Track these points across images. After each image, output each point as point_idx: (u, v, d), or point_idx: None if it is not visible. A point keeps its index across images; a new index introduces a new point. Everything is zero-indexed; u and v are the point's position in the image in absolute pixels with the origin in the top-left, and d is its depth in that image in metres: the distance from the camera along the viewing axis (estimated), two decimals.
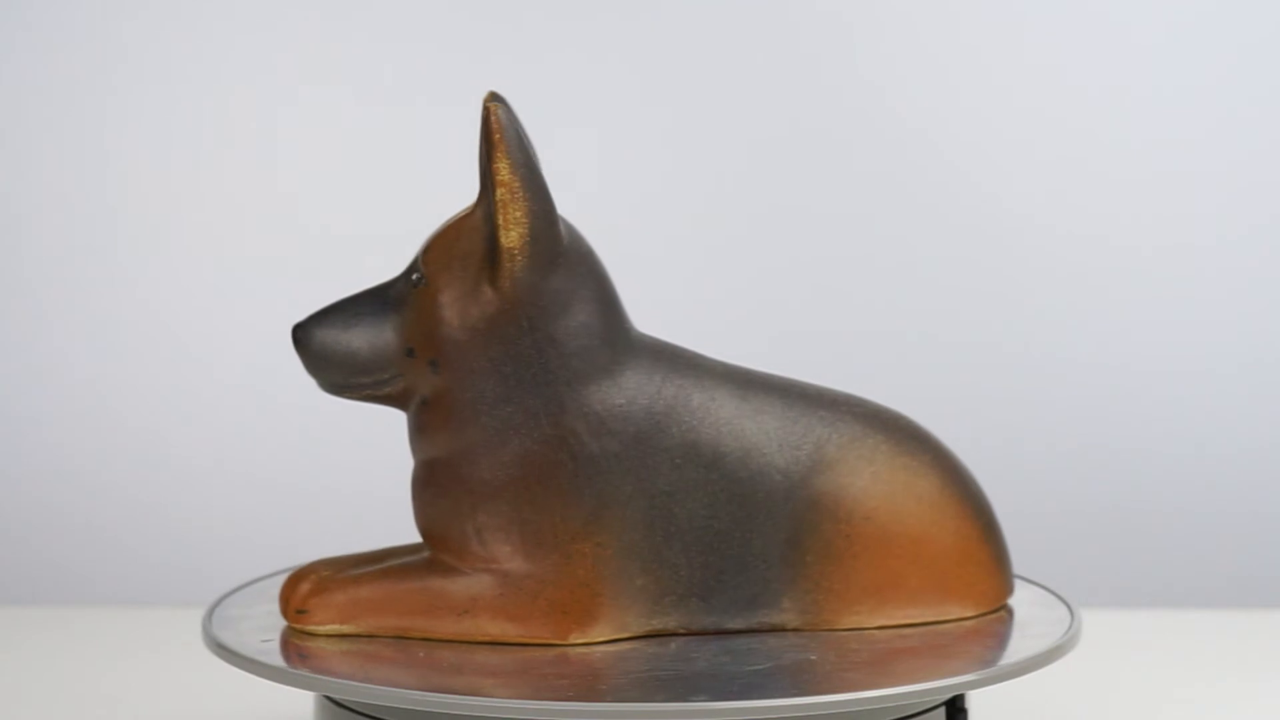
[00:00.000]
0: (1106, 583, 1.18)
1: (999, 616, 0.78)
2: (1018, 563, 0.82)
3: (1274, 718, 0.94)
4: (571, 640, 0.75)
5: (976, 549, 0.78)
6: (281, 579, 0.82)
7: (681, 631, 0.76)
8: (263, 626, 0.77)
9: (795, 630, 0.76)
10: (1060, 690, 0.95)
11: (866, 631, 0.76)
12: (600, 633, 0.75)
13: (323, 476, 1.19)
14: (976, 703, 0.77)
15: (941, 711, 0.73)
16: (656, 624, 0.76)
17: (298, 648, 0.74)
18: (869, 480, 0.76)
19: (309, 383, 0.79)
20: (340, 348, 0.77)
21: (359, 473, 1.18)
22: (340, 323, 0.77)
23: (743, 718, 0.67)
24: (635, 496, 0.75)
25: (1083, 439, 1.20)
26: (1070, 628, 0.76)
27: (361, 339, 0.77)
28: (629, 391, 0.75)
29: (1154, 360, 1.20)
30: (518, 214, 0.74)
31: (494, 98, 0.75)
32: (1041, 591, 0.81)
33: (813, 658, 0.72)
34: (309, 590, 0.76)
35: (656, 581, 0.75)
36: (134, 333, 1.20)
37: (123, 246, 1.19)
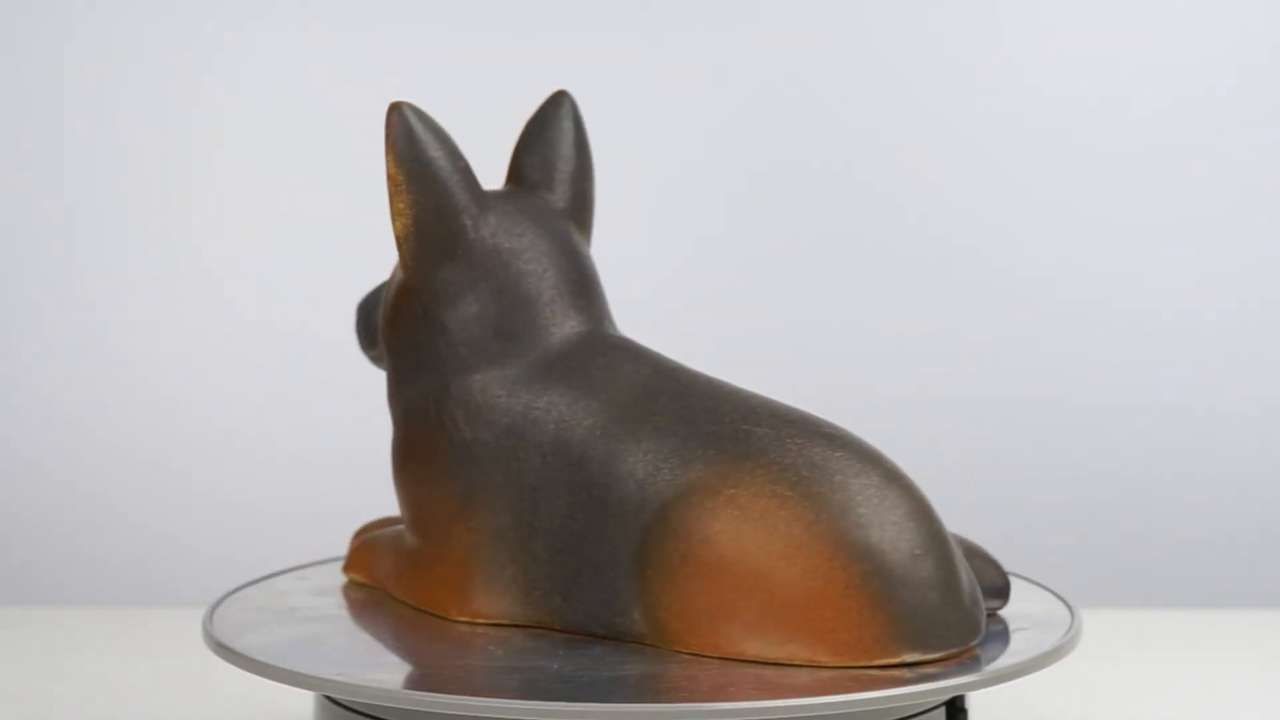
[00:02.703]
0: (1106, 583, 1.19)
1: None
2: (1018, 563, 0.82)
3: (1274, 718, 0.94)
4: (455, 617, 0.77)
5: (837, 593, 0.70)
6: (280, 579, 0.84)
7: (557, 627, 0.76)
8: (263, 624, 0.77)
9: (653, 646, 0.73)
10: (1060, 690, 0.95)
11: (704, 658, 0.72)
12: (480, 614, 0.77)
13: (323, 475, 1.19)
14: (976, 703, 0.77)
15: (941, 711, 0.73)
16: (532, 615, 0.76)
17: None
18: (722, 502, 0.71)
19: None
20: (360, 324, 0.84)
21: (360, 472, 1.18)
22: (372, 301, 0.84)
23: (747, 718, 0.67)
24: (505, 487, 0.76)
25: (1083, 439, 1.20)
26: (1070, 628, 0.75)
27: (368, 317, 0.83)
28: (513, 384, 0.77)
29: (1154, 359, 1.20)
30: (401, 205, 0.78)
31: (398, 105, 0.78)
32: (1041, 591, 0.81)
33: (553, 666, 0.71)
34: (351, 543, 0.84)
35: (525, 573, 0.76)
36: (134, 334, 1.20)
37: (120, 246, 1.20)
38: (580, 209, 0.81)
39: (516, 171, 0.82)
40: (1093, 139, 1.19)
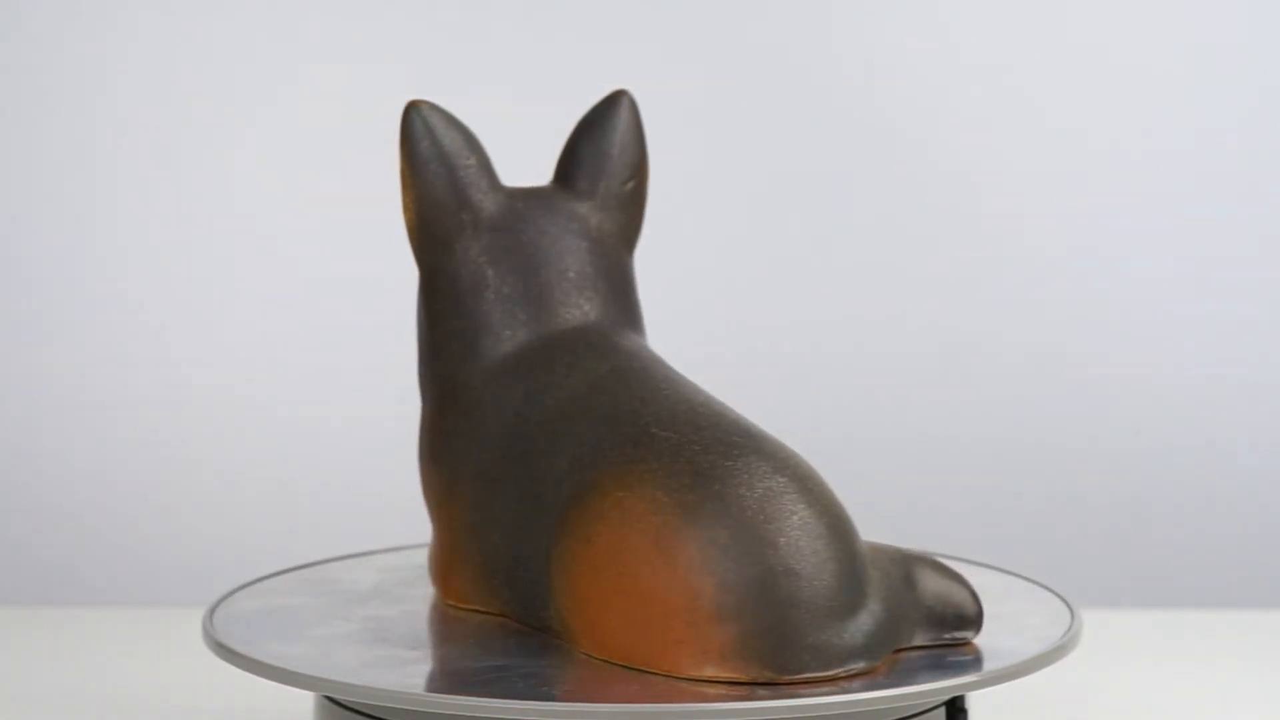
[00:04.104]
0: (1106, 583, 1.18)
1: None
2: (1017, 562, 0.81)
3: (1274, 718, 0.94)
4: (447, 600, 0.80)
5: (686, 603, 0.68)
6: (279, 579, 0.83)
7: (512, 617, 0.76)
8: (262, 624, 0.77)
9: (567, 642, 0.73)
10: (1060, 690, 0.95)
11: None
12: (462, 598, 0.79)
13: (324, 475, 1.19)
14: (976, 703, 0.77)
15: (941, 711, 0.73)
16: (494, 604, 0.77)
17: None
18: (610, 504, 0.71)
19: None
20: None
21: (361, 472, 1.18)
22: None
23: (755, 718, 0.66)
24: (473, 477, 0.77)
25: (1083, 439, 1.20)
26: (1070, 628, 0.75)
27: None
28: (487, 376, 0.78)
29: (1154, 360, 1.20)
30: (407, 200, 0.80)
31: (414, 104, 0.80)
32: (1042, 591, 0.81)
33: (442, 653, 0.73)
34: None
35: (486, 562, 0.77)
36: (134, 334, 1.20)
37: (123, 245, 1.19)
38: (617, 208, 0.81)
39: (560, 169, 0.82)
40: (1103, 141, 1.19)
